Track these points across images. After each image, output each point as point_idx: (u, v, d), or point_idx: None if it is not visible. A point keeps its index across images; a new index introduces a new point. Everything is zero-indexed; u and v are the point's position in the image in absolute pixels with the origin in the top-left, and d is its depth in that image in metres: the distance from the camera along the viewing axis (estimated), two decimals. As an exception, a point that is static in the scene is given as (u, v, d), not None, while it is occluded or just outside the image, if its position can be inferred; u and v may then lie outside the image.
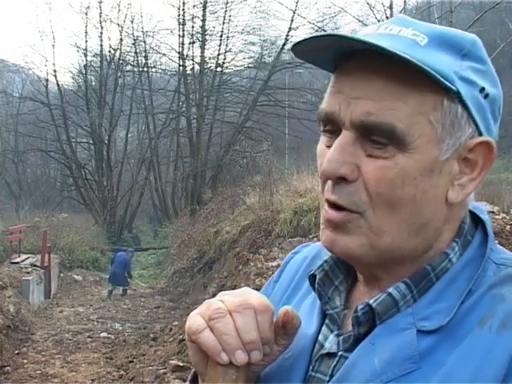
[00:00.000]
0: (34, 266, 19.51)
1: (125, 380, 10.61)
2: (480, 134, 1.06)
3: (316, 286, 1.19)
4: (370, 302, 1.06)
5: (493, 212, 11.12)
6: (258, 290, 1.16)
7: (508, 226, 8.97)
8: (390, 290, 1.06)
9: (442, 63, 1.02)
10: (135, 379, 10.18)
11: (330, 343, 1.14)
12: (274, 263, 10.39)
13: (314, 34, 1.05)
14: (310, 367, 1.14)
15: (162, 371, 9.41)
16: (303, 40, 1.06)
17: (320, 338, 1.17)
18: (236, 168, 34.16)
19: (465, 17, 28.80)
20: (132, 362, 11.68)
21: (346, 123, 1.04)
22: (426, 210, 1.04)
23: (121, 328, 15.93)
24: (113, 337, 14.54)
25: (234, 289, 1.17)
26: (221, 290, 1.12)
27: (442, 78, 0.99)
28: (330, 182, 1.06)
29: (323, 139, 1.11)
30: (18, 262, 19.45)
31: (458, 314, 1.01)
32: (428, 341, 1.00)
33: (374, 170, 1.02)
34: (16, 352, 12.67)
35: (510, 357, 0.91)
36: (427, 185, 1.03)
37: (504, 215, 10.38)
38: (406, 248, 1.05)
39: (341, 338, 1.12)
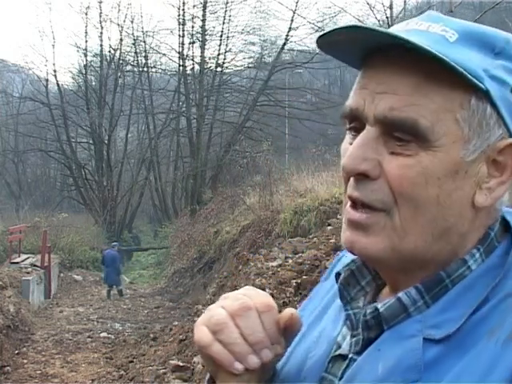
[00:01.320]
0: (34, 266, 19.53)
1: (125, 380, 10.62)
2: (511, 136, 1.01)
3: (339, 285, 1.16)
4: (379, 306, 1.03)
5: None
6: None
7: None
8: (400, 294, 1.03)
9: (470, 60, 0.98)
10: (135, 379, 10.18)
11: (346, 345, 1.11)
12: (274, 263, 10.38)
13: (342, 25, 1.01)
14: (324, 369, 1.12)
15: (161, 371, 9.41)
16: (330, 31, 1.03)
17: (339, 338, 1.14)
18: (236, 168, 34.18)
19: (465, 17, 28.72)
20: (132, 361, 11.69)
21: (370, 119, 1.01)
22: (451, 213, 0.99)
23: (121, 328, 15.93)
24: (113, 337, 14.55)
25: (234, 289, 1.16)
26: (221, 290, 1.12)
27: (469, 75, 0.96)
28: (352, 179, 1.03)
29: (347, 137, 1.08)
30: (17, 262, 19.48)
31: (469, 323, 0.96)
32: (434, 350, 0.96)
33: (395, 167, 0.99)
34: (16, 352, 12.68)
35: None
36: (451, 186, 0.99)
37: None
38: (428, 252, 1.01)
39: (353, 339, 1.09)
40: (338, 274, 1.16)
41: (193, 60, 38.89)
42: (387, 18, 14.66)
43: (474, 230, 1.02)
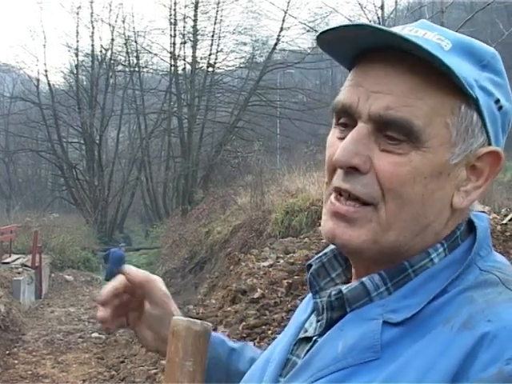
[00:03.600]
0: (25, 266, 19.49)
1: (116, 380, 10.60)
2: (489, 144, 1.08)
3: (309, 275, 1.21)
4: (343, 288, 1.09)
5: (483, 212, 11.14)
6: (249, 290, 1.19)
7: (499, 226, 9.00)
8: (364, 279, 1.08)
9: (464, 69, 1.03)
10: (126, 379, 10.16)
11: (312, 329, 1.17)
12: (266, 263, 10.38)
13: (346, 23, 1.06)
14: (289, 350, 1.18)
15: (153, 371, 9.38)
16: (333, 28, 1.07)
17: (306, 324, 1.20)
18: (227, 168, 34.21)
19: (456, 17, 28.86)
20: (123, 362, 11.66)
21: (364, 116, 1.05)
22: (431, 211, 1.06)
23: (112, 328, 15.89)
24: (104, 337, 14.50)
25: (225, 289, 1.19)
26: (212, 291, 1.14)
27: (466, 84, 1.01)
28: (340, 171, 1.07)
29: (335, 131, 1.12)
30: (8, 262, 19.43)
31: (426, 311, 1.02)
32: (392, 332, 1.02)
33: (387, 164, 1.03)
34: (7, 352, 12.65)
35: (464, 356, 0.92)
36: (435, 186, 1.04)
37: (495, 215, 10.41)
38: (405, 246, 1.07)
39: (318, 323, 1.15)
40: (309, 266, 1.23)
41: (184, 60, 38.91)
42: (378, 18, 14.68)
43: (446, 229, 1.09)
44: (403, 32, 1.07)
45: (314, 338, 1.14)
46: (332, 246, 1.20)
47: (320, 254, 1.24)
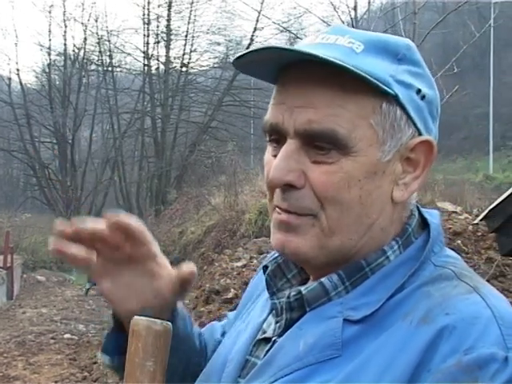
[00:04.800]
0: (-4, 266, 19.31)
1: (88, 381, 10.55)
2: (420, 134, 1.11)
3: (266, 276, 1.24)
4: (302, 289, 1.12)
5: (456, 212, 11.24)
6: (222, 290, 1.20)
7: (470, 226, 9.07)
8: (323, 279, 1.11)
9: (378, 68, 1.06)
10: (99, 380, 10.12)
11: (271, 330, 1.19)
12: (239, 263, 10.39)
13: (254, 48, 1.09)
14: (249, 352, 1.20)
15: (126, 372, 9.35)
16: (244, 54, 1.10)
17: (264, 325, 1.22)
18: (201, 168, 34.14)
19: (429, 18, 29.02)
20: (96, 363, 11.59)
21: (291, 132, 1.07)
22: (373, 210, 1.08)
23: (85, 329, 15.79)
24: (76, 338, 14.41)
25: (199, 289, 1.21)
26: (186, 290, 1.14)
27: (378, 82, 1.03)
28: (278, 191, 1.11)
29: (269, 149, 1.16)
30: (-21, 263, 19.24)
31: (385, 307, 1.04)
32: (352, 330, 1.04)
33: (319, 174, 1.06)
34: (-23, 354, 12.52)
35: (425, 348, 0.95)
36: (372, 186, 1.07)
37: (467, 215, 10.50)
38: (353, 248, 1.10)
39: (277, 324, 1.17)
40: (265, 267, 1.25)
41: (158, 60, 38.81)
42: (351, 19, 14.72)
43: (392, 222, 1.13)
44: (316, 41, 1.11)
45: (273, 339, 1.16)
46: None
47: (275, 255, 1.26)
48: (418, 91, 1.10)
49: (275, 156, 1.11)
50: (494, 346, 0.93)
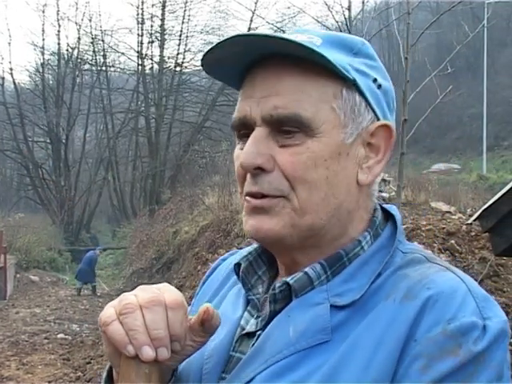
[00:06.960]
0: (-10, 266, 19.28)
1: (82, 381, 10.53)
2: (378, 119, 1.19)
3: (240, 273, 1.28)
4: (288, 279, 1.15)
5: (449, 212, 11.26)
6: None
7: (464, 226, 9.08)
8: (307, 269, 1.16)
9: (337, 57, 1.12)
10: (92, 380, 10.10)
11: (251, 325, 1.21)
12: (233, 263, 10.38)
13: (223, 38, 1.14)
14: (231, 348, 1.21)
15: (119, 372, 9.34)
16: (211, 49, 1.16)
17: (242, 322, 1.24)
18: (195, 168, 34.17)
19: (422, 19, 29.09)
20: (89, 363, 11.59)
21: (258, 121, 1.14)
22: (339, 191, 1.14)
23: (78, 329, 15.78)
24: (70, 338, 14.41)
25: (193, 289, 1.19)
26: (180, 291, 1.12)
27: (339, 67, 1.10)
28: (249, 176, 1.15)
29: (239, 145, 1.20)
30: (-28, 263, 19.21)
31: (367, 293, 1.11)
32: (340, 315, 1.09)
33: (287, 156, 1.11)
34: (-29, 354, 12.49)
35: (412, 321, 1.02)
36: (337, 167, 1.13)
37: (460, 215, 10.52)
38: (323, 228, 1.15)
39: (259, 319, 1.20)
40: (237, 265, 1.30)
41: (152, 59, 38.82)
42: (345, 19, 14.73)
43: (358, 208, 1.20)
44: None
45: (257, 333, 1.18)
46: (255, 245, 1.31)
47: (246, 254, 1.31)
48: (374, 80, 1.18)
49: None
50: (473, 316, 1.02)
